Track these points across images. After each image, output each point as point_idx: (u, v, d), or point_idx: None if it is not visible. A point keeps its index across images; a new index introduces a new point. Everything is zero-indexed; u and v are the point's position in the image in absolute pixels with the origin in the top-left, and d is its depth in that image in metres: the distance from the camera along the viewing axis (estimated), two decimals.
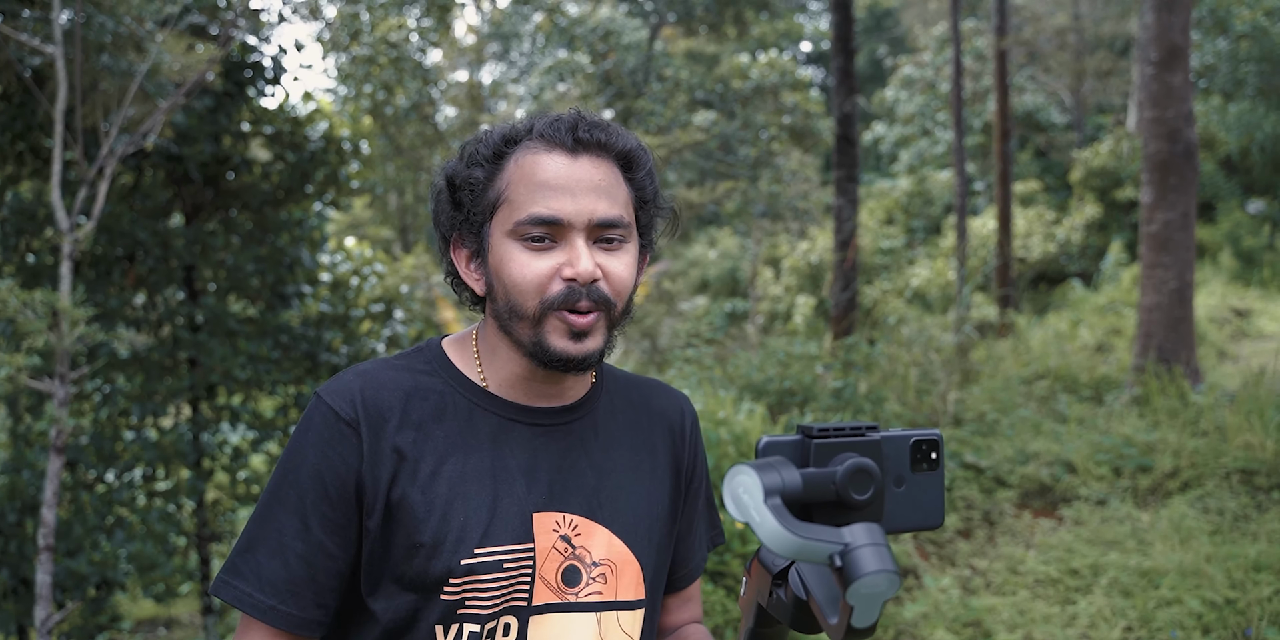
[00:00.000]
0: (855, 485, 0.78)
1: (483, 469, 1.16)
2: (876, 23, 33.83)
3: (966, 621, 4.29)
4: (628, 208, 1.18)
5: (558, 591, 1.17)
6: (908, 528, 0.85)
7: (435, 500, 1.13)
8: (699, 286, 22.93)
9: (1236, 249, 16.35)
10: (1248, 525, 4.97)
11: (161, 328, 6.70)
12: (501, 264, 1.14)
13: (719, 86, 17.00)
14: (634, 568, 1.23)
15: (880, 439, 0.83)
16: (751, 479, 0.76)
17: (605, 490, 1.22)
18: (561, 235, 1.13)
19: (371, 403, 1.15)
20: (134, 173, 6.58)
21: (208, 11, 6.02)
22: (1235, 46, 17.22)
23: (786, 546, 0.73)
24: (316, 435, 1.14)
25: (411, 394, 1.18)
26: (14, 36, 4.45)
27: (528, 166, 1.14)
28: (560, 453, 1.21)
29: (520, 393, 1.22)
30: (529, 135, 1.17)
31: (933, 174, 22.90)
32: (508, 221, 1.14)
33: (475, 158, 1.19)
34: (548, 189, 1.12)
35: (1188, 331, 7.50)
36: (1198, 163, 7.53)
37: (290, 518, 1.12)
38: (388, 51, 14.21)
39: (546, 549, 1.16)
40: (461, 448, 1.16)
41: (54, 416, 4.05)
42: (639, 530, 1.24)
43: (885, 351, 7.88)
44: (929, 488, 0.85)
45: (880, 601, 0.74)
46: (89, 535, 5.84)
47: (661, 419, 1.33)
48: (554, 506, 1.18)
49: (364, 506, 1.13)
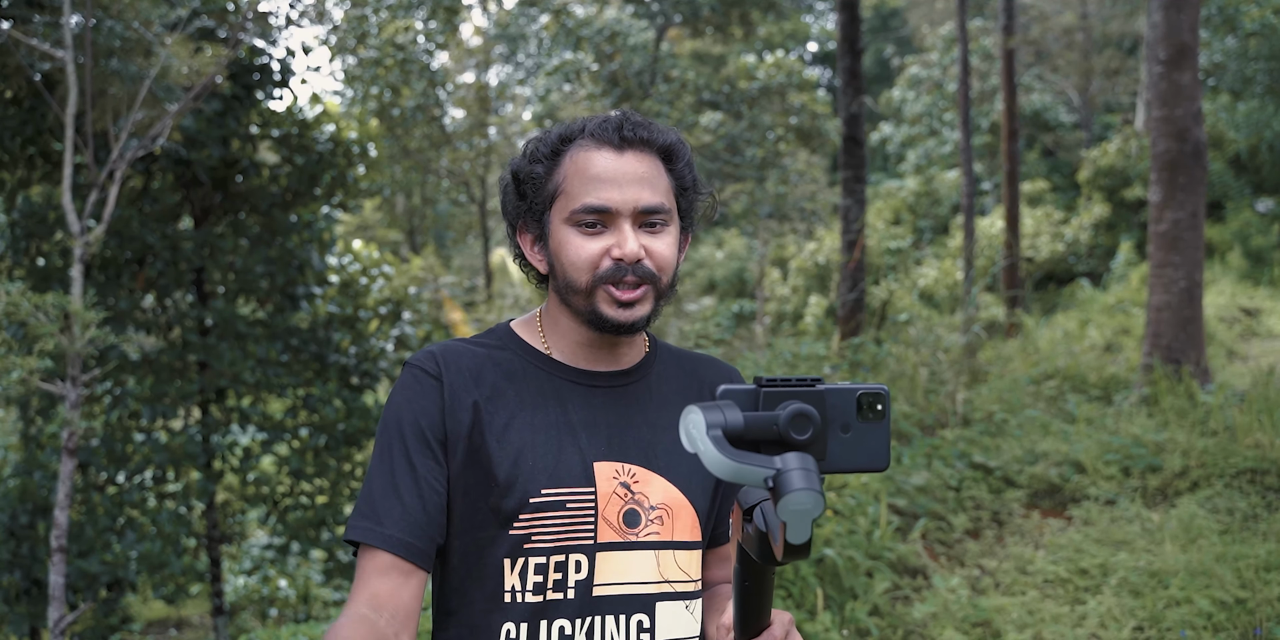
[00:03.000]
0: (795, 426, 0.90)
1: (549, 422, 1.32)
2: (883, 23, 33.78)
3: (975, 621, 4.29)
4: (669, 195, 1.34)
5: (620, 531, 1.30)
6: (854, 468, 0.96)
7: (508, 447, 1.29)
8: (706, 287, 22.92)
9: (1246, 248, 16.28)
10: (1257, 525, 4.95)
11: (171, 330, 6.73)
12: (560, 246, 1.32)
13: (725, 87, 17.00)
14: (689, 511, 1.36)
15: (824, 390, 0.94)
16: (698, 416, 0.88)
17: (661, 444, 1.36)
18: (611, 221, 1.30)
19: (453, 363, 1.32)
20: (143, 176, 6.61)
21: (216, 15, 6.04)
22: (1244, 45, 17.16)
23: (725, 470, 0.86)
24: (409, 390, 1.30)
25: (485, 361, 1.35)
26: (25, 41, 4.48)
27: (581, 162, 1.31)
28: (618, 410, 1.36)
29: (582, 359, 1.38)
30: (582, 134, 1.34)
31: (940, 174, 22.86)
32: (565, 210, 1.31)
33: (536, 155, 1.35)
34: (598, 181, 1.29)
35: (1197, 331, 7.48)
36: (1206, 162, 7.50)
37: (399, 461, 1.27)
38: (395, 53, 14.24)
39: (608, 493, 1.30)
40: (531, 405, 1.32)
41: (66, 419, 4.07)
42: (693, 479, 1.37)
43: (893, 352, 7.87)
44: (875, 435, 0.95)
45: (808, 519, 0.85)
46: (100, 536, 5.87)
47: (712, 384, 1.47)
48: (614, 457, 1.33)
49: (449, 445, 1.29)
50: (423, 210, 22.71)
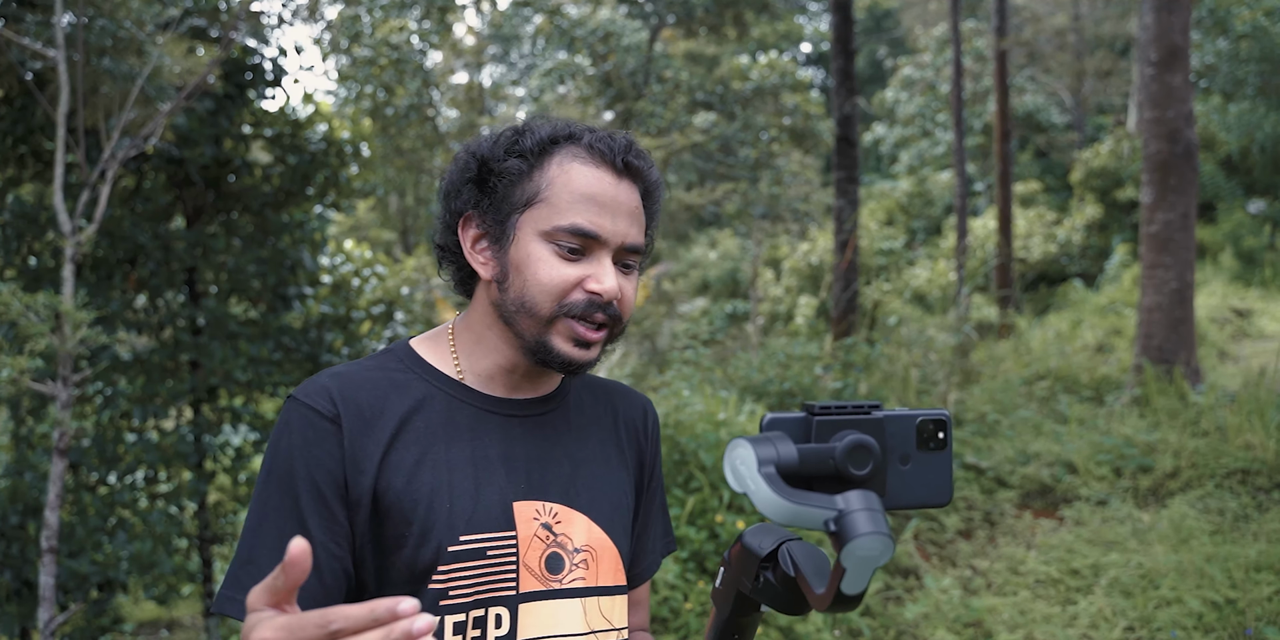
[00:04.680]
0: (854, 460, 0.81)
1: (463, 458, 1.18)
2: (876, 24, 33.83)
3: (967, 622, 4.30)
4: (643, 236, 1.23)
5: (542, 579, 1.18)
6: (914, 504, 0.87)
7: (420, 489, 1.14)
8: (699, 288, 22.93)
9: (1237, 249, 16.34)
10: (1248, 525, 4.97)
11: (163, 330, 6.71)
12: (528, 261, 1.17)
13: (719, 88, 17.01)
14: (613, 553, 1.25)
15: (883, 418, 0.85)
16: (747, 450, 0.79)
17: (581, 479, 1.25)
18: (592, 250, 1.17)
19: (350, 399, 1.16)
20: (135, 176, 6.59)
21: (208, 14, 6.03)
22: (1235, 46, 17.21)
23: (781, 512, 0.76)
24: (299, 436, 1.14)
25: (387, 391, 1.19)
26: (16, 40, 4.46)
27: (574, 174, 1.17)
28: (536, 443, 1.23)
29: (497, 385, 1.24)
30: (578, 143, 1.20)
31: (933, 175, 22.91)
32: (545, 222, 1.16)
33: (516, 148, 1.20)
34: (592, 203, 1.16)
35: (1188, 332, 7.51)
36: (1198, 163, 7.53)
37: (287, 522, 1.11)
38: (388, 53, 14.22)
39: (529, 537, 1.18)
40: (442, 439, 1.18)
41: (57, 419, 4.06)
42: (615, 517, 1.27)
43: (885, 352, 7.89)
44: (937, 466, 0.87)
45: (873, 566, 0.76)
46: (91, 537, 5.85)
47: (626, 415, 1.37)
48: (533, 495, 1.20)
49: (351, 501, 1.13)
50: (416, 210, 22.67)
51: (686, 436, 4.71)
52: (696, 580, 4.23)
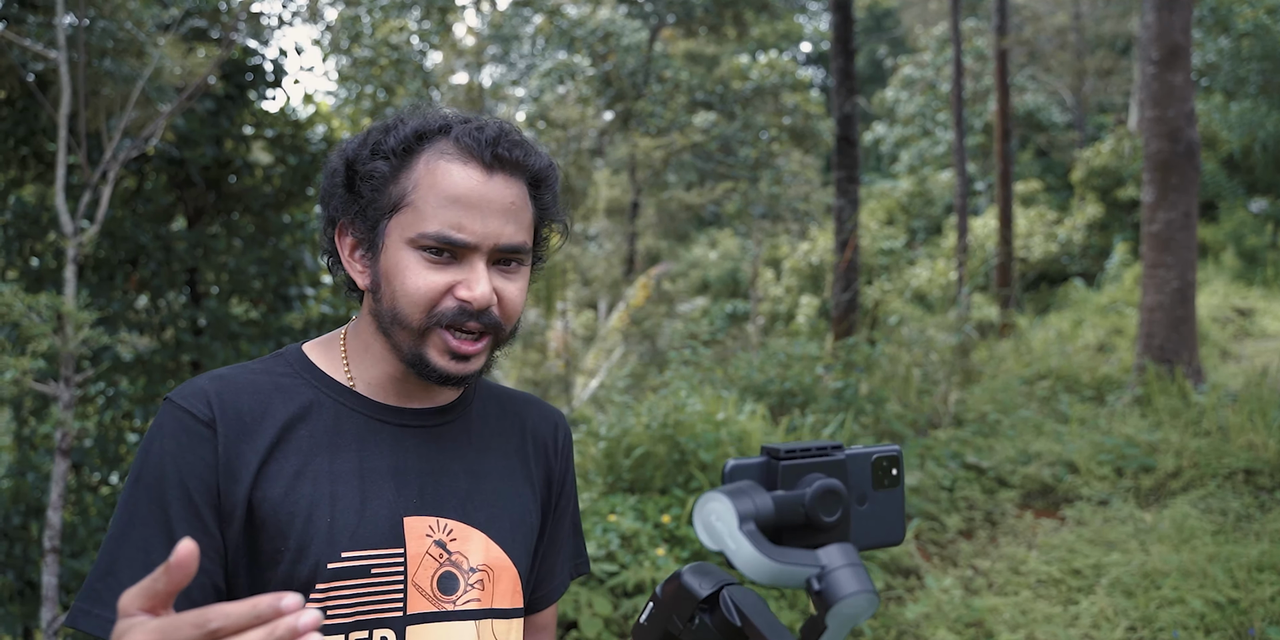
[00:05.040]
0: (824, 507, 0.77)
1: (349, 470, 1.11)
2: (876, 23, 33.83)
3: (969, 622, 4.30)
4: (529, 231, 1.14)
5: (434, 600, 1.11)
6: (871, 545, 0.83)
7: (299, 502, 1.07)
8: (699, 287, 22.93)
9: (1239, 248, 16.34)
10: (1250, 525, 4.97)
11: (164, 331, 6.72)
12: (395, 270, 1.10)
13: (719, 88, 17.02)
14: (511, 573, 1.19)
15: (845, 458, 0.81)
16: (724, 505, 0.74)
17: (480, 494, 1.18)
18: (462, 255, 1.09)
19: (230, 403, 1.09)
20: (136, 177, 6.59)
21: (208, 15, 6.04)
22: (1237, 45, 17.21)
23: (764, 573, 0.72)
24: (172, 440, 1.06)
25: (272, 395, 1.12)
26: (17, 42, 4.47)
27: (440, 174, 1.09)
28: (431, 455, 1.17)
29: (390, 393, 1.17)
30: (445, 137, 1.11)
31: (933, 174, 22.92)
32: (410, 229, 1.09)
33: (381, 148, 1.11)
34: (458, 206, 1.08)
35: (1190, 331, 7.50)
36: (1199, 162, 7.53)
37: (153, 532, 1.03)
38: (388, 53, 14.23)
39: (419, 555, 1.11)
40: (327, 448, 1.11)
41: (59, 419, 4.07)
42: (516, 536, 1.20)
43: (886, 352, 7.89)
44: (891, 505, 0.84)
45: (855, 624, 0.73)
46: (93, 537, 5.86)
47: (535, 430, 1.30)
48: (426, 511, 1.13)
49: (224, 511, 1.06)
50: None
51: (686, 436, 4.71)
52: None
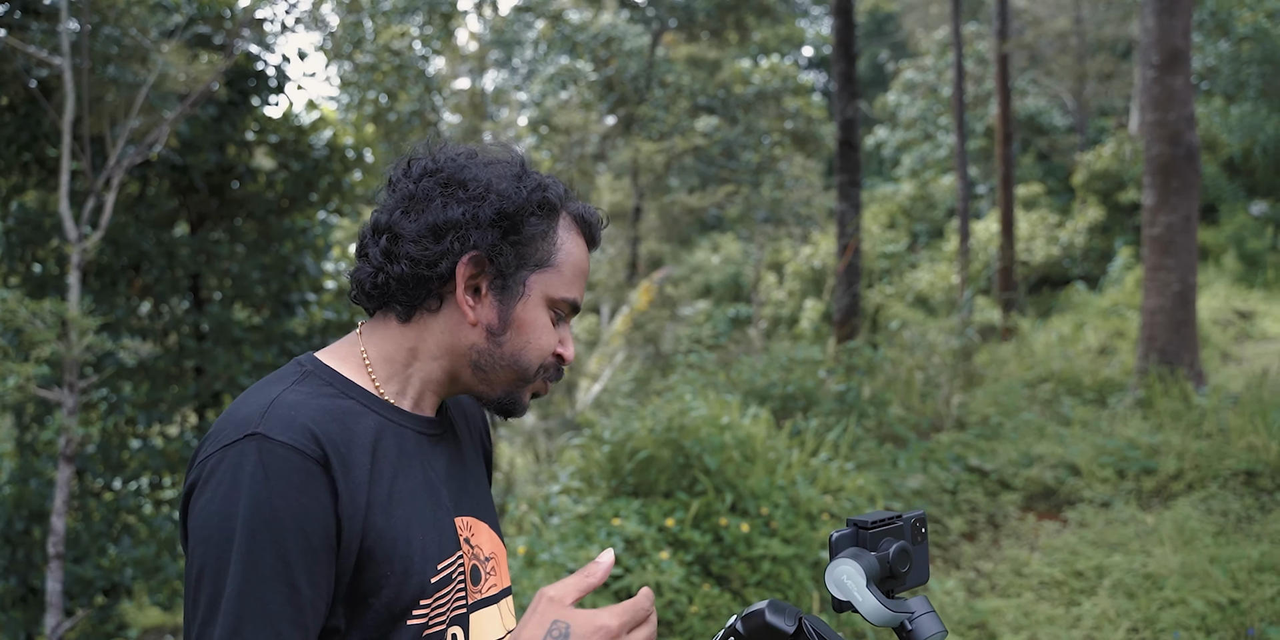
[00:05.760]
0: (899, 562, 1.10)
1: (419, 485, 1.14)
2: (878, 27, 33.87)
3: (971, 623, 4.30)
4: None
5: (473, 591, 1.19)
6: (910, 586, 1.14)
7: (397, 525, 1.08)
8: (702, 291, 22.94)
9: (1240, 251, 16.33)
10: (1251, 527, 4.97)
11: (167, 336, 6.74)
12: (533, 324, 1.17)
13: (721, 92, 17.04)
14: (504, 554, 1.29)
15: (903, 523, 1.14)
16: (854, 568, 1.05)
17: (475, 488, 1.28)
18: (567, 318, 1.23)
19: (328, 435, 1.05)
20: (139, 183, 6.62)
21: (212, 22, 6.07)
22: (1237, 49, 17.23)
23: (883, 618, 1.04)
24: (283, 481, 1.00)
25: (345, 419, 1.09)
26: (21, 48, 4.49)
27: (573, 246, 1.20)
28: (448, 460, 1.24)
29: (416, 406, 1.20)
30: (568, 209, 1.21)
31: (935, 178, 22.92)
32: (553, 289, 1.18)
33: (541, 207, 1.16)
34: (582, 278, 1.21)
35: (1191, 334, 7.51)
36: (1199, 165, 7.53)
37: (273, 584, 0.99)
38: (390, 59, 14.27)
39: (466, 552, 1.19)
40: (402, 466, 1.13)
41: (63, 425, 4.08)
42: (498, 520, 1.31)
43: (888, 355, 7.89)
44: (920, 554, 1.16)
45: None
46: (96, 542, 5.87)
47: (470, 416, 1.38)
48: (460, 511, 1.21)
49: (341, 551, 1.03)
50: None
51: (690, 440, 4.72)
52: (701, 583, 4.23)
